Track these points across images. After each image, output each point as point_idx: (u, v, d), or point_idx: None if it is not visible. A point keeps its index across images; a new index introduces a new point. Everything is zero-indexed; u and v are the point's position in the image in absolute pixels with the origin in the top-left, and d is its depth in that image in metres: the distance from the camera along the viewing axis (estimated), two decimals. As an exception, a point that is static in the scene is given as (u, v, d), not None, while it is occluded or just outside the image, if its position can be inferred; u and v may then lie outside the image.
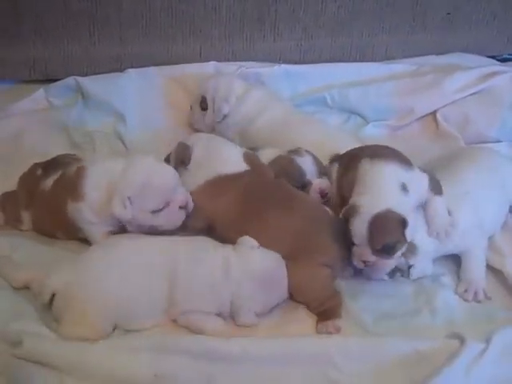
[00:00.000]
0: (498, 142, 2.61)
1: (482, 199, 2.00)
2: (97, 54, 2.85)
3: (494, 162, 2.17)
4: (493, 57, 3.07)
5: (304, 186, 2.14)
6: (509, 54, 3.13)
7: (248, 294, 1.78)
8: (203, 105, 2.54)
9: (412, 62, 2.95)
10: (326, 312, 1.82)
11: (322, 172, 2.18)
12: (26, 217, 2.07)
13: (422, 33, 3.03)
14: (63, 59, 2.84)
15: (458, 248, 1.97)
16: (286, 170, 2.13)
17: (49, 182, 2.02)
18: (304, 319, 1.84)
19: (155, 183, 1.85)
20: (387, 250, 1.78)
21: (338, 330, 1.78)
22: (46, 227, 2.05)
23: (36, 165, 2.14)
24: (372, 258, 1.79)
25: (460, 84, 2.71)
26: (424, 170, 1.95)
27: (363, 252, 1.79)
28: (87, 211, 1.90)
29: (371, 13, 2.93)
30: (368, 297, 1.91)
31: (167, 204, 1.86)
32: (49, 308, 1.76)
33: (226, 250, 1.84)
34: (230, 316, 1.81)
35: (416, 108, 2.71)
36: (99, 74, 2.80)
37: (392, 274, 1.91)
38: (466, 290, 1.92)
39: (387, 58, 3.02)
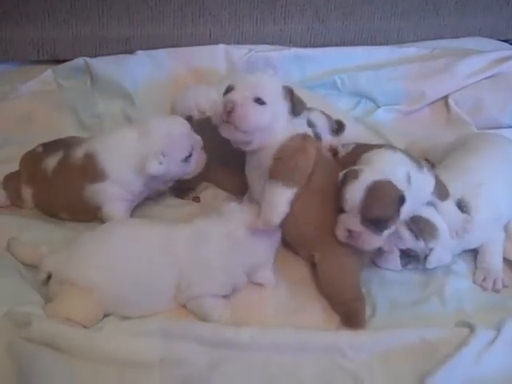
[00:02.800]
0: (511, 127, 2.59)
1: (497, 190, 1.96)
2: (106, 35, 2.83)
3: (507, 150, 2.12)
4: (506, 41, 3.06)
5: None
6: (522, 39, 3.09)
7: (262, 250, 1.79)
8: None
9: (424, 46, 2.92)
10: (349, 314, 1.77)
11: (333, 129, 2.17)
12: (28, 194, 2.07)
13: (434, 17, 3.00)
14: (72, 40, 2.81)
15: (479, 241, 1.94)
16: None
17: (50, 162, 2.02)
18: (314, 310, 1.82)
19: (178, 132, 1.94)
20: (377, 224, 1.69)
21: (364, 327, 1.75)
22: (49, 206, 2.06)
23: (39, 144, 2.14)
24: (358, 228, 1.69)
25: (472, 68, 2.69)
26: (432, 173, 1.88)
27: (351, 220, 1.70)
28: (112, 188, 1.94)
29: (383, -4, 2.91)
30: (378, 284, 1.89)
31: (192, 148, 1.96)
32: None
33: (225, 220, 1.81)
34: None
35: (428, 92, 2.68)
36: (108, 55, 2.78)
37: (407, 262, 1.90)
38: (484, 279, 1.91)
39: (399, 41, 2.99)
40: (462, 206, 1.90)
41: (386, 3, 2.93)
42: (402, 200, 1.69)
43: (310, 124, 2.10)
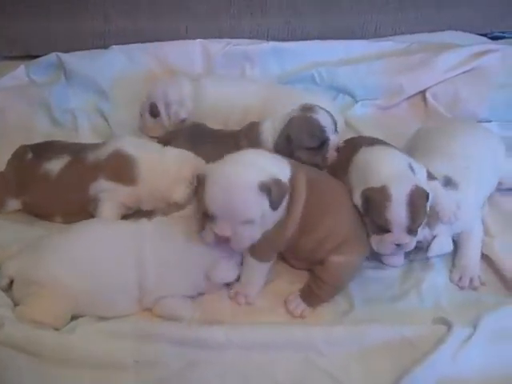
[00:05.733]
0: (488, 121, 2.58)
1: (480, 175, 2.00)
2: (80, 30, 2.80)
3: (488, 138, 2.17)
4: (484, 35, 3.04)
5: (323, 142, 2.10)
6: (500, 32, 3.09)
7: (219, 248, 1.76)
8: (154, 111, 2.46)
9: (402, 40, 2.91)
10: (312, 296, 1.80)
11: (335, 126, 2.16)
12: (14, 204, 2.07)
13: (412, 11, 2.98)
14: (45, 35, 2.78)
15: (465, 224, 1.93)
16: (307, 130, 2.09)
17: (54, 166, 2.02)
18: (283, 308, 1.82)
19: None
20: (418, 228, 1.76)
21: (302, 318, 1.79)
22: (46, 210, 2.05)
23: (24, 148, 2.11)
24: (408, 239, 1.75)
25: (450, 63, 2.68)
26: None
27: (400, 236, 1.74)
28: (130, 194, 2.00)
29: (361, -10, 2.89)
30: (355, 280, 1.88)
31: None
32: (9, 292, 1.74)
33: (182, 220, 1.82)
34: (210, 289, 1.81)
35: (405, 86, 2.67)
36: (82, 50, 2.74)
37: (413, 253, 1.90)
38: (460, 278, 1.90)
39: (377, 35, 2.97)
40: (449, 182, 1.92)
41: (362, -3, 2.91)
42: (428, 198, 1.75)
43: (320, 128, 2.10)
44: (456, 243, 1.95)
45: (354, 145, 1.98)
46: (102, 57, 2.71)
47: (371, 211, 1.76)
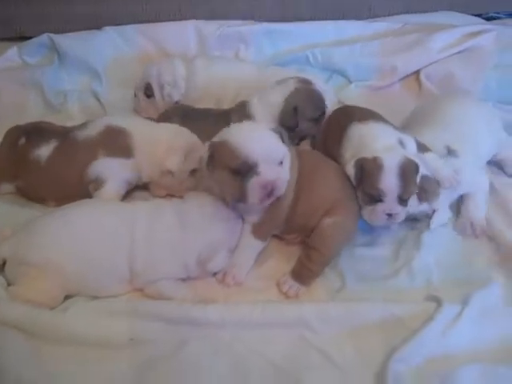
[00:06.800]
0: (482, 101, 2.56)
1: (477, 138, 2.06)
2: (73, 11, 2.79)
3: (479, 106, 2.23)
4: (479, 15, 3.03)
5: (323, 113, 2.17)
6: (494, 13, 3.08)
7: (213, 236, 1.77)
8: (148, 92, 2.46)
9: (397, 21, 2.90)
10: (304, 272, 1.82)
11: None
12: (7, 188, 2.08)
13: (406, -10, 2.97)
14: (38, 17, 2.77)
15: (468, 185, 1.99)
16: (312, 101, 2.15)
17: (43, 152, 2.02)
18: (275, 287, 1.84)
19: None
20: (408, 198, 1.81)
21: (296, 297, 1.80)
22: (39, 194, 2.05)
23: (15, 130, 2.10)
24: (399, 209, 1.80)
25: (444, 43, 2.68)
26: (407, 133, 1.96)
27: (391, 205, 1.79)
28: (127, 167, 2.01)
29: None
30: (347, 258, 1.90)
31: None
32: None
33: (176, 204, 1.83)
34: (200, 274, 1.81)
35: (399, 67, 2.67)
36: (75, 31, 2.73)
37: (413, 223, 1.97)
38: (464, 226, 1.98)
39: (371, 16, 2.97)
40: (450, 151, 1.97)
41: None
42: (418, 169, 1.80)
43: (321, 98, 2.19)
44: (462, 197, 2.02)
45: (348, 116, 2.02)
46: (95, 38, 2.70)
47: (364, 180, 1.81)
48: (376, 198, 1.80)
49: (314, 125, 2.18)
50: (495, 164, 2.23)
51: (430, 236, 1.95)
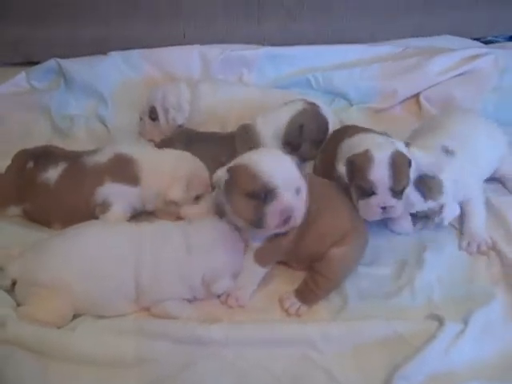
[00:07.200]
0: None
1: (477, 146, 2.10)
2: (79, 36, 2.85)
3: (484, 123, 2.26)
4: (477, 39, 3.08)
5: (326, 136, 2.21)
6: (493, 37, 3.14)
7: (218, 259, 1.79)
8: (153, 115, 2.51)
9: (397, 45, 2.95)
10: (308, 293, 1.83)
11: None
12: (15, 211, 2.10)
13: (406, 15, 3.03)
14: (45, 42, 2.83)
15: (467, 192, 2.03)
16: (318, 123, 2.20)
17: (51, 175, 2.04)
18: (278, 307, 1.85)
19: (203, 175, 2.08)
20: (402, 191, 1.83)
21: (298, 316, 1.81)
22: (46, 217, 2.07)
23: (23, 154, 2.13)
24: (393, 202, 1.82)
25: (443, 66, 2.72)
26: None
27: (384, 198, 1.81)
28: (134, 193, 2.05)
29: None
30: (350, 278, 1.90)
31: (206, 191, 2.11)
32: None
33: (183, 226, 1.85)
34: (205, 295, 1.83)
35: (400, 90, 2.72)
36: (82, 56, 2.78)
37: (422, 222, 2.00)
38: (468, 244, 2.00)
39: (371, 40, 3.01)
40: (447, 151, 2.02)
41: (357, 2, 2.96)
42: (409, 163, 1.84)
43: (326, 120, 2.24)
44: (462, 211, 2.03)
45: (341, 133, 2.08)
46: (101, 63, 2.75)
47: (355, 175, 1.84)
48: (368, 192, 1.82)
49: (315, 148, 2.21)
50: (496, 180, 2.26)
51: (432, 254, 1.97)
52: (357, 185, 1.85)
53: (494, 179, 2.25)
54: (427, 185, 1.92)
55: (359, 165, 1.82)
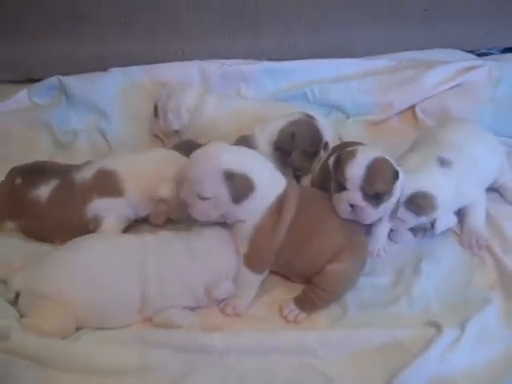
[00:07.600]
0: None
1: (476, 153, 2.12)
2: (79, 53, 2.89)
3: (482, 132, 2.29)
4: (471, 51, 3.11)
5: (318, 151, 2.23)
6: (487, 49, 3.18)
7: (219, 264, 1.82)
8: (155, 112, 2.57)
9: (392, 58, 2.98)
10: (308, 302, 1.85)
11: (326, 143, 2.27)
12: (12, 225, 2.11)
13: (401, 28, 3.06)
14: (46, 59, 2.87)
15: (467, 197, 2.06)
16: (311, 133, 2.21)
17: (43, 192, 2.06)
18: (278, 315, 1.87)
19: None
20: (376, 198, 1.83)
21: (297, 323, 1.83)
22: (41, 234, 2.09)
23: (13, 172, 2.15)
24: (362, 203, 1.82)
25: (438, 78, 2.75)
26: None
27: (354, 195, 1.81)
28: (122, 204, 2.06)
29: (351, 9, 2.97)
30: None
31: None
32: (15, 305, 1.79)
33: (184, 235, 1.88)
34: (208, 303, 1.85)
35: (396, 103, 2.74)
36: (82, 73, 2.82)
37: (415, 233, 2.06)
38: (468, 239, 2.06)
39: (367, 53, 3.05)
40: (443, 161, 2.03)
41: (353, 16, 2.99)
42: (397, 175, 1.84)
43: (320, 132, 2.24)
44: (462, 212, 2.08)
45: (340, 149, 2.05)
46: (102, 79, 2.79)
47: (336, 168, 1.87)
48: (341, 186, 1.84)
49: (306, 159, 2.22)
50: (495, 190, 2.28)
51: (428, 264, 1.99)
52: (335, 178, 1.88)
53: (492, 189, 2.27)
54: (418, 203, 1.94)
55: (342, 159, 1.86)
